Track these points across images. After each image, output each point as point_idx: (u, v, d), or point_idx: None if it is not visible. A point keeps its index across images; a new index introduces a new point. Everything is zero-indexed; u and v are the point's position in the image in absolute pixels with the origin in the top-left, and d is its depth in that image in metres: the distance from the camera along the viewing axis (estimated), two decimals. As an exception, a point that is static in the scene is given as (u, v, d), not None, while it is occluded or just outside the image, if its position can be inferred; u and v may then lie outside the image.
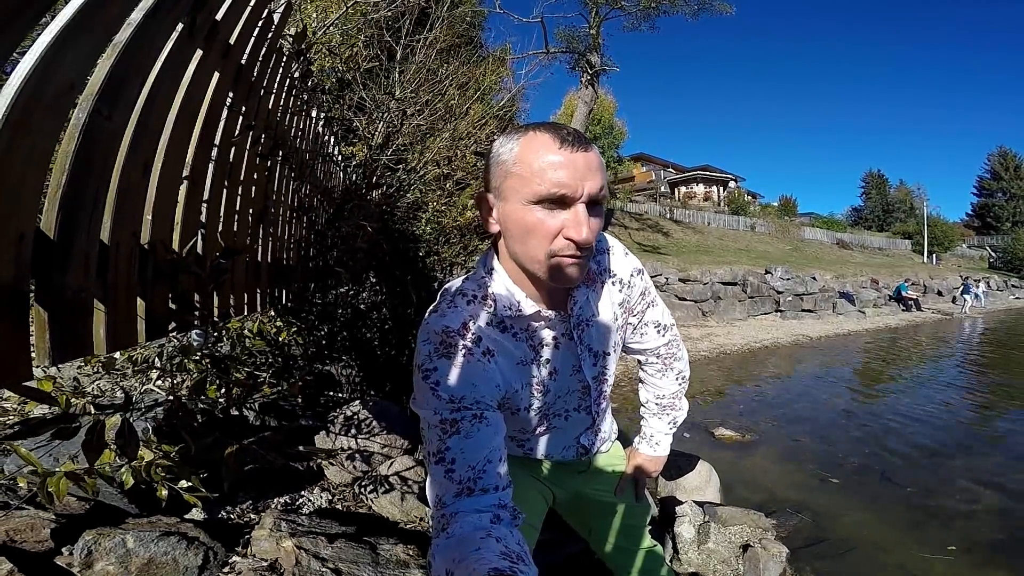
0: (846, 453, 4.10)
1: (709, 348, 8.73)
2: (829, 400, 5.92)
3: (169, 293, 1.24)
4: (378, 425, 2.44)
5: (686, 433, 4.38)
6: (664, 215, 25.05)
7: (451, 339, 0.78)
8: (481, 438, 0.75)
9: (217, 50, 1.25)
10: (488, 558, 0.57)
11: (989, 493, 3.35)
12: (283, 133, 2.10)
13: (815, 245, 28.09)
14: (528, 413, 0.92)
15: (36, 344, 0.75)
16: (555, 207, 0.72)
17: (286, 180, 2.32)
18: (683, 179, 40.51)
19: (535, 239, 0.74)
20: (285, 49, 1.95)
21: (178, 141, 1.18)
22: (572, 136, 0.73)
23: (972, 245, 40.26)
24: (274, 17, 1.69)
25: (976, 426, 4.89)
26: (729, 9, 14.47)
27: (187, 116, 1.19)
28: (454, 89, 5.53)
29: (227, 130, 1.45)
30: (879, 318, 15.12)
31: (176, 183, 1.23)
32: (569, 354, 0.90)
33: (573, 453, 1.09)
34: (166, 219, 1.21)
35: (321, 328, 2.88)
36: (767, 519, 2.59)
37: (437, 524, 0.71)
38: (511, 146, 0.76)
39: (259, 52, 1.60)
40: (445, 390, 0.75)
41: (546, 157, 0.71)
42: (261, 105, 1.74)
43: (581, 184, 0.71)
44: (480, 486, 0.72)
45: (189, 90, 1.15)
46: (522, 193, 0.73)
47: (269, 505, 2.14)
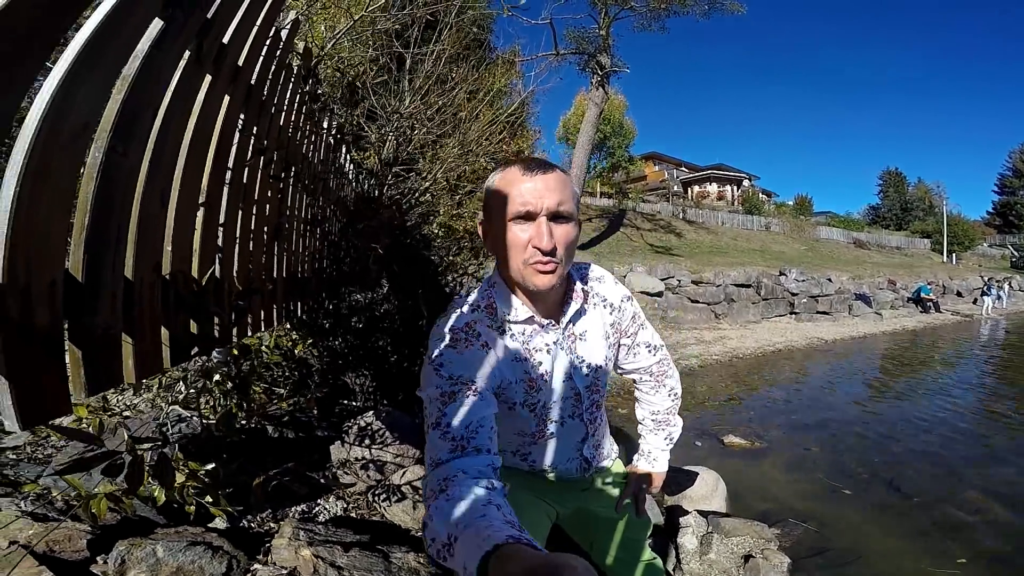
0: (855, 461, 4.04)
1: (722, 352, 8.66)
2: (841, 406, 5.83)
3: (191, 318, 1.28)
4: (391, 435, 2.48)
5: (697, 441, 4.36)
6: (677, 215, 24.90)
7: (455, 335, 0.92)
8: (475, 406, 0.84)
9: (227, 74, 1.28)
10: (498, 526, 0.58)
11: (999, 505, 3.28)
12: (295, 149, 2.13)
13: (831, 245, 27.73)
14: (524, 410, 0.99)
15: (72, 379, 0.80)
16: (525, 222, 0.88)
17: (299, 194, 2.36)
18: (696, 178, 40.23)
19: (513, 251, 0.89)
20: (294, 65, 1.98)
21: (193, 168, 1.20)
22: (535, 164, 0.90)
23: (993, 244, 39.45)
24: (281, 34, 1.72)
25: (990, 435, 4.78)
26: (741, 8, 14.37)
27: (200, 143, 1.21)
28: (464, 95, 5.56)
29: (240, 152, 1.48)
30: (896, 320, 14.88)
31: (193, 210, 1.26)
32: (561, 361, 1.01)
33: (576, 466, 1.13)
34: (185, 247, 1.24)
35: (336, 338, 2.92)
36: (770, 529, 2.58)
37: (434, 485, 0.74)
38: (494, 179, 0.95)
39: (268, 71, 1.62)
40: (447, 370, 0.88)
41: (515, 183, 0.88)
42: (272, 123, 1.77)
43: (541, 201, 0.86)
44: (473, 444, 0.79)
45: (201, 116, 1.17)
46: (501, 214, 0.89)
47: (288, 513, 2.19)
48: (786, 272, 14.80)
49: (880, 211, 47.02)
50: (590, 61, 14.83)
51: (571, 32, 14.84)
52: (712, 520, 2.42)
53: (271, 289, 1.99)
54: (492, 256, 1.07)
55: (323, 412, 2.55)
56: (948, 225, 34.32)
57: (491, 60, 10.73)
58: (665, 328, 10.65)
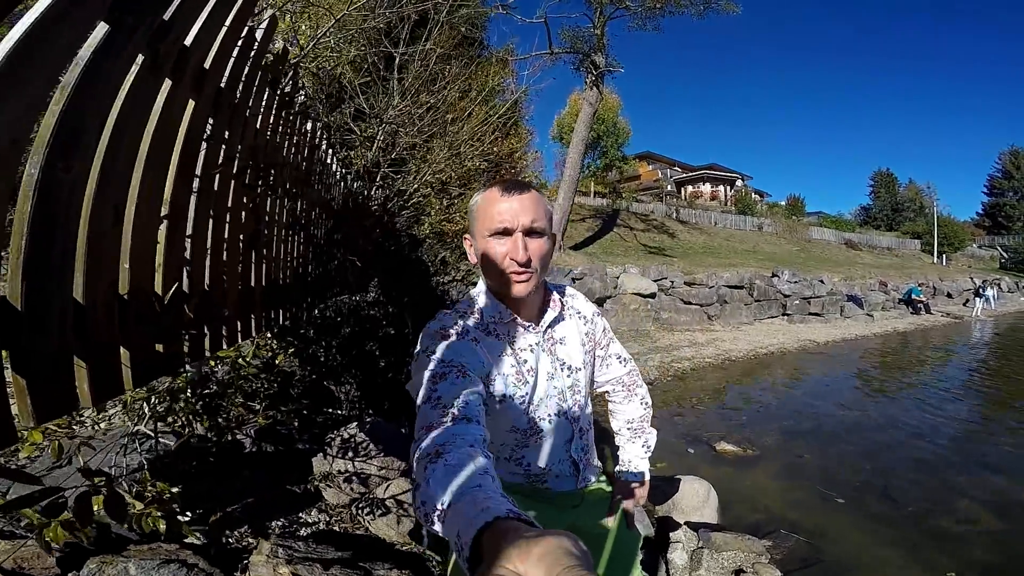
0: (848, 469, 4.02)
1: (714, 354, 8.63)
2: (833, 411, 5.82)
3: (155, 337, 1.21)
4: (375, 447, 2.41)
5: (690, 448, 4.32)
6: (670, 215, 24.91)
7: (445, 331, 1.01)
8: (465, 384, 0.88)
9: (190, 78, 1.20)
10: (496, 499, 0.57)
11: (990, 513, 3.27)
12: (274, 152, 2.05)
13: (823, 245, 27.85)
14: (514, 403, 1.04)
15: (19, 408, 0.76)
16: (502, 237, 0.99)
17: (280, 199, 2.28)
18: (690, 178, 40.31)
19: (492, 262, 1.00)
20: (271, 65, 1.90)
21: (153, 179, 1.13)
22: (513, 185, 1.01)
23: (983, 245, 39.82)
24: (256, 34, 1.64)
25: (980, 441, 4.78)
26: (736, 8, 14.31)
27: (161, 151, 1.14)
28: (456, 94, 5.48)
29: (209, 159, 1.41)
30: (887, 322, 14.94)
31: (154, 223, 1.19)
32: (544, 361, 1.09)
33: (568, 468, 1.16)
34: (146, 262, 1.17)
35: (321, 346, 2.85)
36: (761, 542, 2.54)
37: (429, 448, 0.73)
38: (477, 199, 1.05)
39: (240, 73, 1.54)
40: (438, 356, 0.95)
41: (494, 203, 1.00)
42: (247, 127, 1.69)
43: (517, 219, 0.98)
44: (464, 414, 0.81)
45: (160, 124, 1.10)
46: (482, 230, 1.01)
47: (267, 528, 2.13)
48: (778, 273, 14.81)
49: (871, 212, 47.33)
50: (584, 60, 14.74)
51: (566, 31, 14.77)
52: (703, 534, 2.37)
53: (248, 299, 1.92)
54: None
55: (305, 423, 2.48)
56: (938, 226, 34.56)
57: (484, 59, 10.66)
58: (658, 330, 10.62)
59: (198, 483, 1.84)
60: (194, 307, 1.44)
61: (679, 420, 5.26)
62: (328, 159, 3.31)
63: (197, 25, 1.21)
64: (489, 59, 10.69)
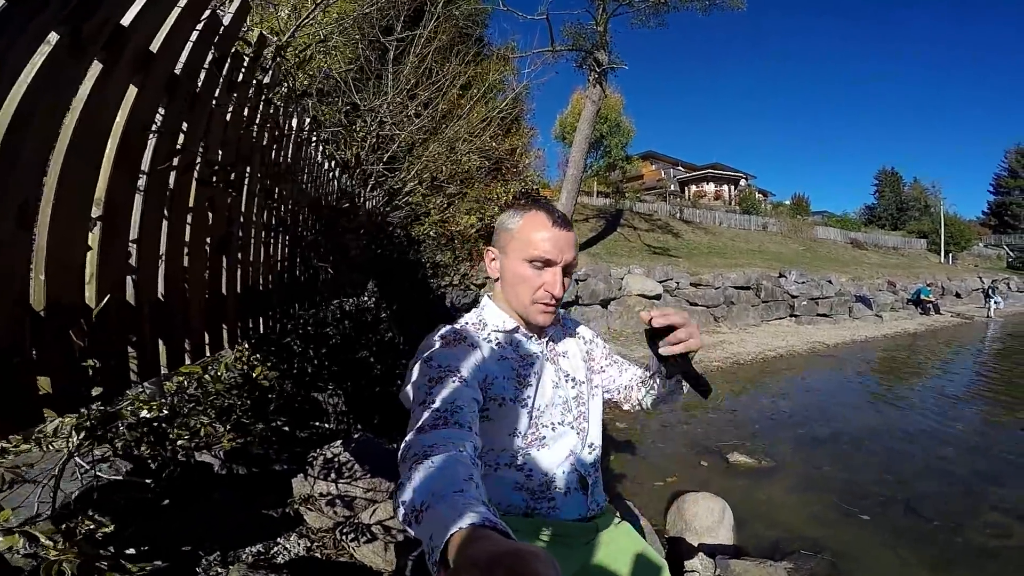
0: (868, 480, 3.82)
1: (722, 357, 8.43)
2: (848, 417, 5.61)
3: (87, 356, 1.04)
4: (360, 468, 2.23)
5: (702, 461, 4.12)
6: (674, 214, 24.69)
7: (444, 339, 0.99)
8: (461, 389, 0.87)
9: (130, 61, 1.02)
10: (476, 506, 0.55)
11: (1020, 526, 3.08)
12: (249, 148, 1.87)
13: (828, 245, 27.57)
14: (516, 407, 1.01)
15: None
16: (541, 267, 1.01)
17: (259, 197, 2.10)
18: (693, 177, 40.12)
19: (524, 287, 1.02)
20: (247, 52, 1.72)
21: (77, 175, 0.95)
22: (561, 218, 1.04)
23: (989, 244, 39.50)
24: (222, 18, 1.46)
25: (1002, 448, 4.57)
26: (741, 4, 14.11)
27: (88, 143, 0.96)
28: (456, 90, 5.31)
29: (161, 153, 1.23)
30: (897, 323, 14.71)
31: (82, 226, 1.01)
32: (548, 370, 1.08)
33: (575, 482, 1.07)
34: (70, 272, 0.99)
35: (307, 354, 2.68)
36: (781, 564, 2.37)
37: (417, 449, 0.72)
38: (517, 219, 1.05)
39: (203, 60, 1.36)
40: (435, 360, 0.92)
41: (540, 231, 1.01)
42: (214, 119, 1.51)
43: (561, 254, 1.01)
44: (456, 419, 0.79)
45: (86, 113, 0.92)
46: (520, 253, 1.02)
47: (240, 556, 1.96)
48: (785, 274, 14.58)
49: (876, 211, 46.98)
50: (587, 58, 14.52)
51: (568, 28, 14.56)
52: (720, 562, 2.20)
53: (219, 308, 1.74)
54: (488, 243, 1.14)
55: (286, 440, 2.30)
56: (944, 225, 34.28)
57: (485, 55, 10.48)
58: (663, 331, 10.42)
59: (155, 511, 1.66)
60: (145, 319, 1.27)
61: (688, 429, 5.06)
62: (317, 155, 3.13)
63: (138, 4, 1.03)
64: (490, 56, 10.51)
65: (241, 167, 1.85)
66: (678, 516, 2.85)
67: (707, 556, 2.27)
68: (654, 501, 3.28)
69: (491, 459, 1.01)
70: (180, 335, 1.45)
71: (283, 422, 2.15)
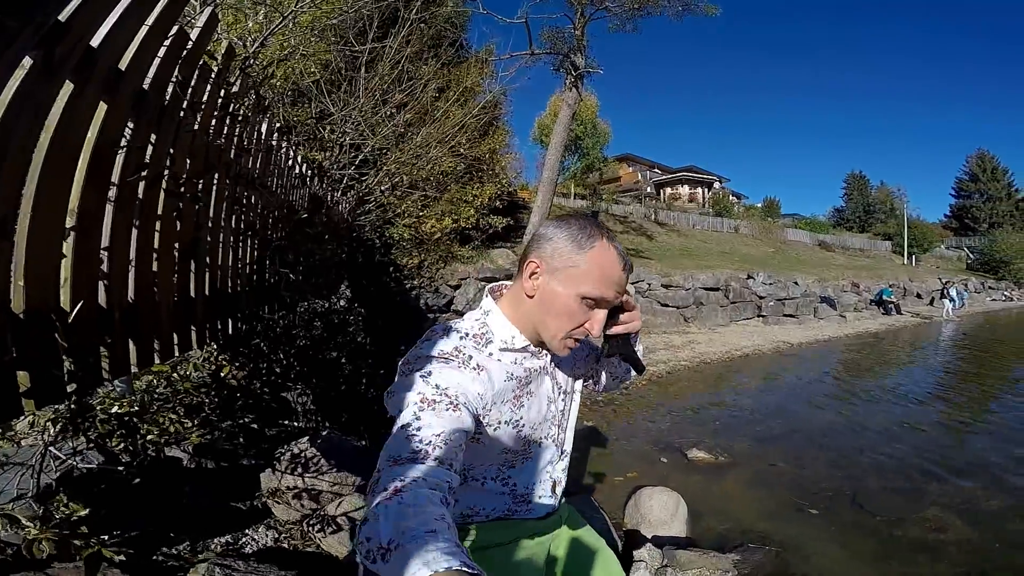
0: (819, 476, 4.00)
1: (690, 357, 8.67)
2: (806, 415, 5.84)
3: (61, 354, 1.12)
4: (327, 463, 2.32)
5: (663, 458, 4.28)
6: (649, 216, 25.07)
7: (446, 355, 0.91)
8: (453, 421, 0.81)
9: (100, 80, 1.11)
10: (450, 548, 0.55)
11: (959, 522, 3.26)
12: (217, 155, 1.94)
13: (798, 247, 28.31)
14: (510, 428, 0.99)
15: None
16: (592, 303, 0.93)
17: (226, 204, 2.17)
18: (668, 180, 40.71)
19: (565, 320, 0.93)
20: (213, 64, 1.80)
21: (53, 189, 1.04)
22: (628, 262, 0.96)
23: (950, 246, 40.94)
24: (192, 33, 1.54)
25: (949, 446, 4.82)
26: (715, 10, 14.41)
27: (62, 159, 1.04)
28: (432, 93, 5.38)
29: (130, 164, 1.31)
30: (860, 323, 15.22)
31: (57, 235, 1.09)
32: (545, 385, 1.06)
33: (548, 488, 1.13)
34: (46, 278, 1.08)
35: (276, 354, 2.74)
36: (728, 556, 2.50)
37: (387, 482, 0.69)
38: (585, 246, 0.92)
39: (170, 73, 1.44)
40: (435, 379, 0.86)
41: (610, 272, 0.92)
42: (181, 130, 1.59)
43: (616, 298, 0.94)
44: (435, 456, 0.75)
45: (60, 130, 1.01)
46: (577, 285, 0.91)
47: (209, 546, 2.03)
48: (754, 275, 15.00)
49: (844, 213, 48.32)
50: (564, 61, 14.70)
51: (546, 32, 14.71)
52: (667, 552, 2.33)
53: (187, 310, 1.81)
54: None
55: (254, 437, 2.37)
56: (908, 228, 35.41)
57: (464, 59, 10.56)
58: (634, 331, 10.62)
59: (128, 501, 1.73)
60: (116, 321, 1.35)
61: (652, 426, 5.23)
62: (289, 160, 3.19)
63: (107, 25, 1.12)
64: (468, 59, 10.58)
65: (209, 176, 1.92)
66: (635, 510, 2.97)
67: (655, 547, 2.40)
68: (614, 496, 3.41)
69: (478, 474, 1.00)
70: (149, 336, 1.52)
71: (251, 419, 2.22)
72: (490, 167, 10.97)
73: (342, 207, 4.05)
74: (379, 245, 4.20)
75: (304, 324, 2.82)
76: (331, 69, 3.78)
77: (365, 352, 2.85)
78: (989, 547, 3.00)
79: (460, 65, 9.35)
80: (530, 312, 0.97)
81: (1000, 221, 41.94)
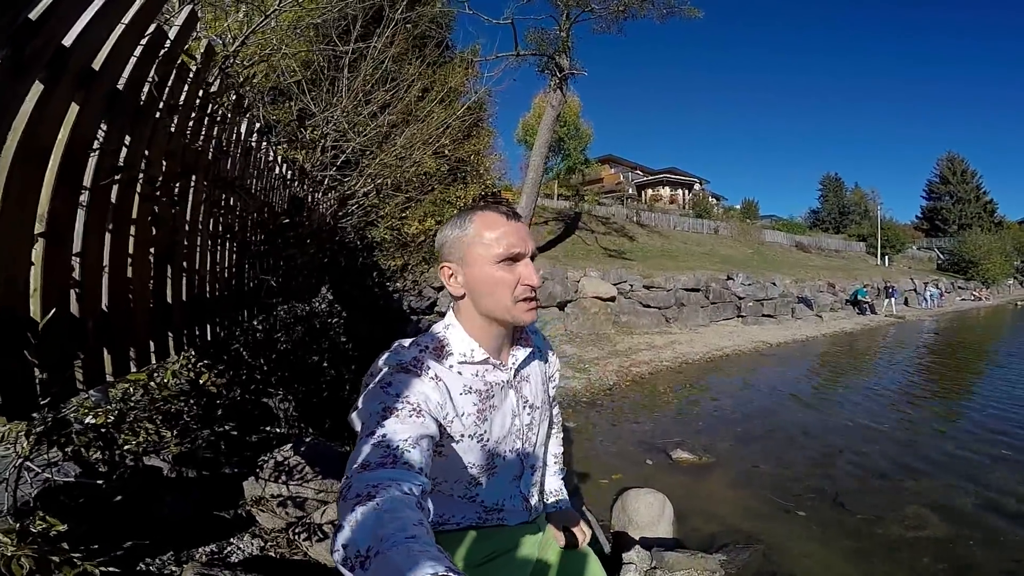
0: (800, 475, 4.07)
1: (672, 357, 8.74)
2: (787, 415, 5.94)
3: (32, 365, 1.07)
4: (311, 470, 2.27)
5: (648, 460, 4.30)
6: (631, 218, 25.24)
7: (405, 366, 0.92)
8: (417, 426, 0.81)
9: (71, 80, 1.06)
10: (432, 553, 0.53)
11: (936, 519, 3.35)
12: (194, 158, 1.89)
13: (776, 248, 28.78)
14: (473, 442, 0.98)
15: None
16: (512, 263, 0.95)
17: (204, 207, 2.11)
18: (650, 181, 41.05)
19: (502, 289, 0.94)
20: (193, 65, 1.74)
21: (19, 194, 0.99)
22: (510, 210, 0.99)
23: (922, 247, 42.00)
24: (170, 32, 1.49)
25: (924, 444, 4.93)
26: (698, 13, 14.57)
27: (29, 163, 1.00)
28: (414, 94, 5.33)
29: (103, 166, 1.26)
30: (836, 323, 15.54)
31: (25, 242, 1.04)
32: (509, 400, 1.04)
33: (520, 504, 1.12)
34: (14, 286, 1.03)
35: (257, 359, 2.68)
36: (715, 557, 2.52)
37: (360, 488, 0.67)
38: (467, 225, 0.97)
39: (146, 73, 1.39)
40: (395, 389, 0.87)
41: (498, 227, 0.95)
42: (157, 131, 1.54)
43: (526, 244, 0.96)
44: (404, 459, 0.74)
45: (27, 132, 0.96)
46: (486, 257, 0.94)
47: (193, 556, 1.97)
48: (733, 276, 15.20)
49: (820, 215, 49.27)
50: (549, 63, 14.75)
51: (532, 33, 14.72)
52: (656, 554, 2.33)
53: (164, 316, 1.76)
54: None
55: (235, 444, 2.31)
56: (881, 229, 36.24)
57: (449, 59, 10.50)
58: (618, 333, 10.70)
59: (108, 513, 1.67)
60: (90, 330, 1.30)
61: (636, 427, 5.26)
62: (269, 162, 3.13)
63: (80, 24, 1.07)
64: (453, 60, 10.53)
65: (186, 178, 1.87)
66: (621, 511, 2.98)
67: (644, 548, 2.40)
68: (601, 497, 3.42)
69: (445, 488, 1.00)
70: (125, 344, 1.47)
71: (232, 427, 2.17)
72: (474, 168, 10.94)
73: (323, 208, 3.99)
74: (361, 247, 4.15)
75: (285, 328, 2.76)
76: (313, 68, 3.72)
77: (348, 357, 2.80)
78: (965, 543, 3.08)
79: (445, 65, 9.29)
80: (479, 305, 0.97)
81: (969, 222, 43.14)
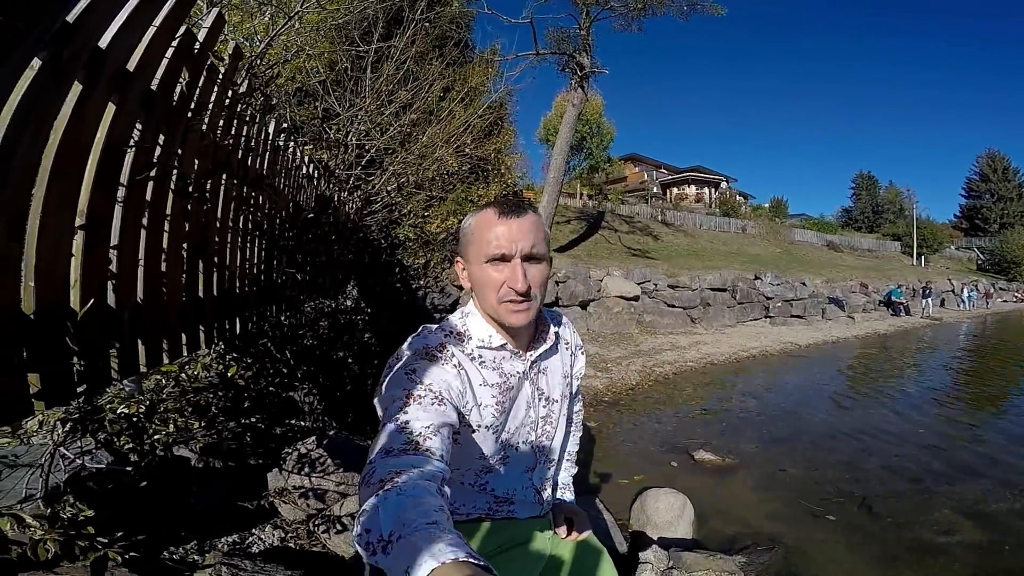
0: (827, 478, 3.97)
1: (696, 358, 8.63)
2: (814, 417, 5.79)
3: (72, 356, 1.13)
4: (332, 463, 2.33)
5: (673, 462, 4.24)
6: (655, 217, 24.95)
7: (431, 352, 0.94)
8: (439, 414, 0.83)
9: (108, 81, 1.11)
10: (453, 539, 0.54)
11: (968, 524, 3.23)
12: (225, 156, 1.95)
13: (805, 247, 28.11)
14: (489, 432, 1.00)
15: None
16: (500, 264, 0.94)
17: (234, 204, 2.18)
18: (675, 180, 40.56)
19: (488, 290, 0.95)
20: (221, 66, 1.80)
21: (62, 189, 1.04)
22: (510, 208, 0.96)
23: (960, 247, 40.55)
24: (199, 34, 1.55)
25: (958, 448, 4.76)
26: (720, 10, 14.32)
27: (71, 160, 1.05)
28: (436, 93, 5.39)
29: (138, 164, 1.31)
30: (868, 324, 15.11)
31: (67, 236, 1.10)
32: (525, 391, 1.05)
33: (532, 495, 1.13)
34: (57, 278, 1.08)
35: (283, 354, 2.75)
36: (735, 559, 2.48)
37: (382, 473, 0.69)
38: (470, 221, 0.99)
39: (178, 75, 1.45)
40: (420, 376, 0.89)
41: (490, 227, 0.94)
42: (190, 130, 1.60)
43: (515, 244, 0.93)
44: (426, 447, 0.76)
45: (69, 131, 1.01)
46: (478, 256, 0.96)
47: (216, 545, 2.04)
48: (761, 276, 14.91)
49: (852, 213, 48.00)
50: (569, 61, 14.67)
51: (551, 32, 14.68)
52: (673, 554, 2.31)
53: (196, 310, 1.82)
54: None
55: (261, 436, 2.38)
56: (917, 228, 35.13)
57: (469, 59, 10.56)
58: (641, 332, 10.61)
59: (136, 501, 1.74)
60: (125, 321, 1.36)
61: (659, 428, 5.21)
62: (295, 160, 3.20)
63: (114, 27, 1.12)
64: (473, 59, 10.59)
65: (217, 176, 1.93)
66: (640, 511, 2.96)
67: (661, 548, 2.38)
68: (620, 497, 3.39)
69: (456, 476, 1.01)
70: (158, 336, 1.53)
71: (258, 419, 2.23)
72: (496, 167, 10.97)
73: (348, 207, 4.06)
74: (385, 245, 4.22)
75: (311, 324, 2.82)
76: (337, 69, 3.79)
77: (371, 352, 2.86)
78: (998, 549, 2.97)
79: (465, 65, 9.35)
80: (478, 300, 1.02)
81: (1011, 221, 41.54)
